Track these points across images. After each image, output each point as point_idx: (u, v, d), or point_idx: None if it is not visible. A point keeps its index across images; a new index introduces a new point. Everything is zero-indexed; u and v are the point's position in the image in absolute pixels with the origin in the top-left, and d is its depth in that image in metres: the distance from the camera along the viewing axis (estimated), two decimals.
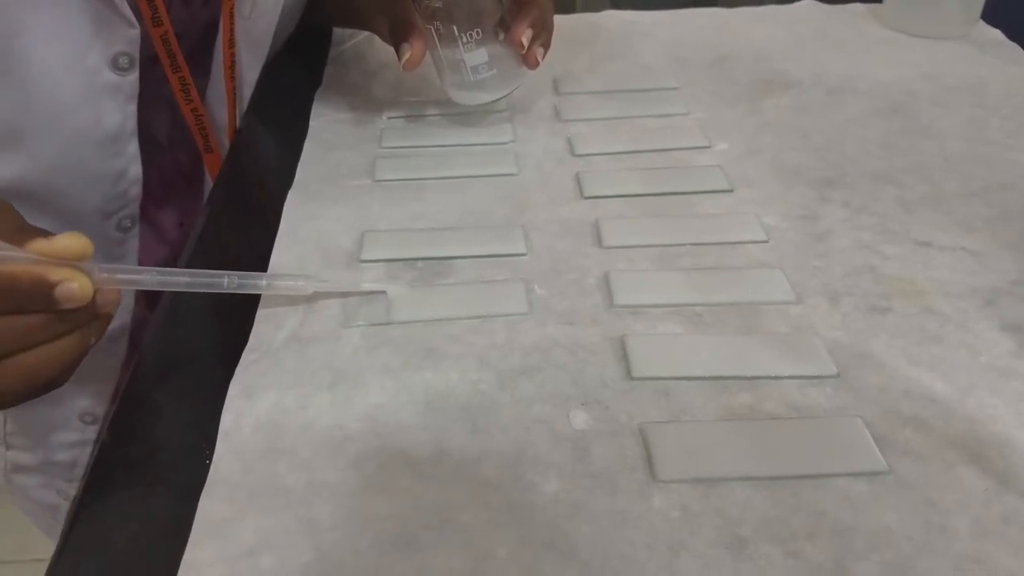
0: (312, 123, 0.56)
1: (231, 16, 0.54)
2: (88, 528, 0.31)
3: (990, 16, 0.67)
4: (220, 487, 0.32)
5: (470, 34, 0.49)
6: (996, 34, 0.66)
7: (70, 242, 0.32)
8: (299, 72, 0.63)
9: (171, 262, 0.57)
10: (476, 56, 0.50)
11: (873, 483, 0.31)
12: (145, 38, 0.48)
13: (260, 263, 0.43)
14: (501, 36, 0.50)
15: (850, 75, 0.60)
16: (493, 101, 0.53)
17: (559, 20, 0.53)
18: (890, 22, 0.68)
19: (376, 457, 0.33)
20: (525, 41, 0.48)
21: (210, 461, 0.33)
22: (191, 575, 0.29)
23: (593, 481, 0.32)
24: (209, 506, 0.31)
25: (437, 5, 0.48)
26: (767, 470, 0.32)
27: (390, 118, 0.57)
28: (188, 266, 0.43)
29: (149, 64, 0.50)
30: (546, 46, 0.51)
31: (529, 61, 0.50)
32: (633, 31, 0.67)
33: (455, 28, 0.49)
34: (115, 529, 0.31)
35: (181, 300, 0.42)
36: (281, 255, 0.44)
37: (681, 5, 0.71)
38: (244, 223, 0.49)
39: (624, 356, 0.37)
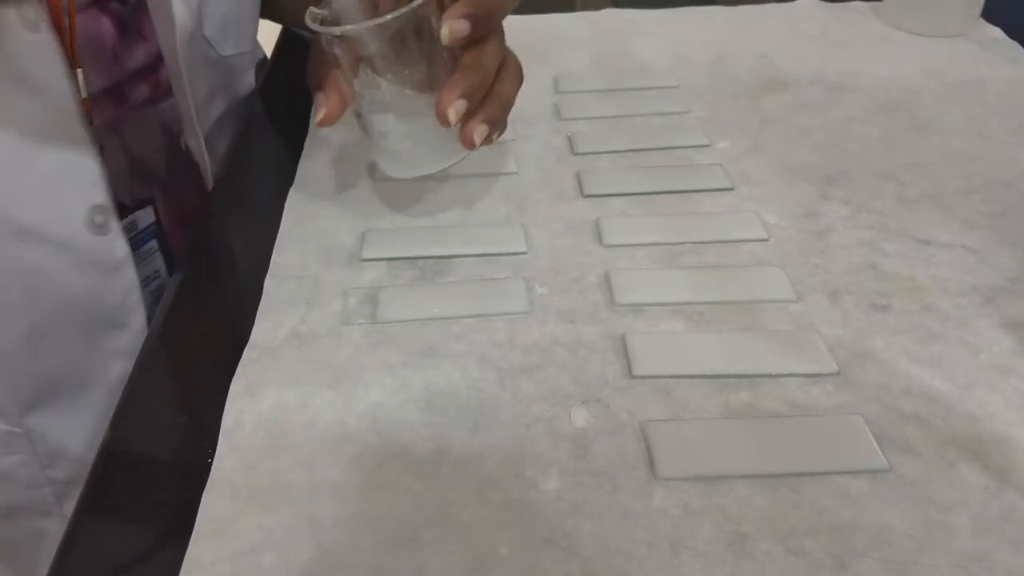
0: (311, 126, 0.56)
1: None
2: (91, 526, 0.31)
3: (990, 14, 0.67)
4: (222, 485, 0.32)
5: (372, 93, 0.41)
6: (996, 32, 0.66)
7: None
8: (298, 71, 0.63)
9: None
10: (383, 121, 0.41)
11: (873, 481, 0.32)
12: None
13: (262, 261, 0.43)
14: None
15: (851, 73, 0.60)
16: (415, 176, 0.44)
17: (558, 20, 0.51)
18: (891, 20, 0.68)
19: (377, 455, 0.33)
20: (452, 116, 0.38)
21: (212, 459, 0.33)
22: (194, 572, 0.29)
23: (594, 479, 0.32)
24: (211, 504, 0.31)
25: (335, 51, 0.40)
26: (767, 468, 0.32)
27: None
28: (185, 270, 0.43)
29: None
30: (492, 123, 0.40)
31: (464, 139, 0.39)
32: (633, 30, 0.67)
33: (355, 84, 0.41)
34: (118, 527, 0.31)
35: (180, 300, 0.42)
36: (282, 254, 0.44)
37: (681, 3, 0.71)
38: (245, 222, 0.49)
39: (625, 354, 0.37)
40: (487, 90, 0.40)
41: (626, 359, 0.37)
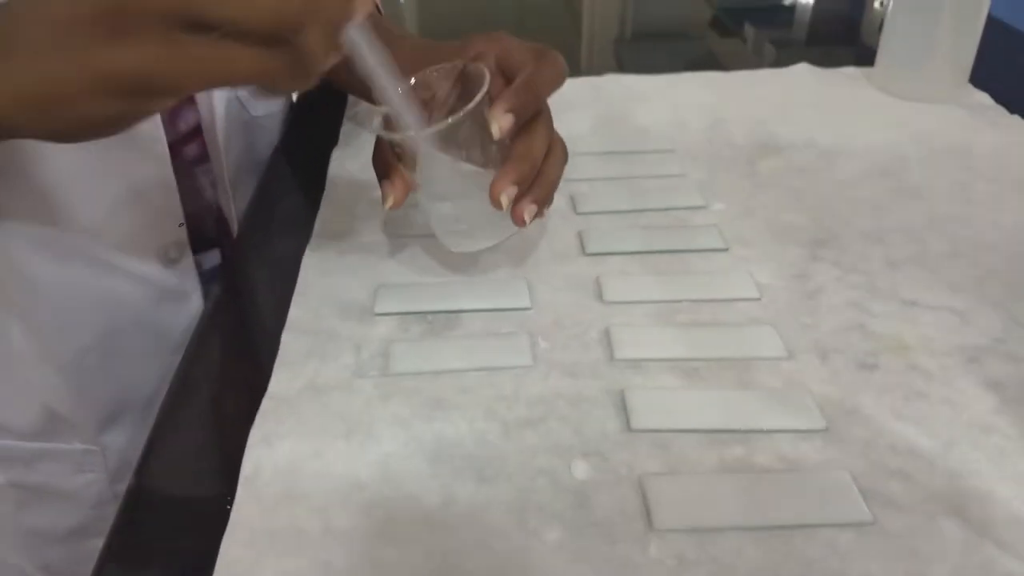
0: (329, 180, 0.59)
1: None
2: (116, 570, 0.33)
3: (978, 79, 0.70)
4: (241, 531, 0.34)
5: (429, 186, 0.45)
6: (984, 97, 0.69)
7: None
8: (317, 131, 0.66)
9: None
10: (441, 207, 0.45)
11: (859, 533, 0.33)
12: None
13: (280, 315, 0.46)
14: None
15: (842, 138, 0.63)
16: (475, 251, 0.48)
17: (564, 84, 0.53)
18: (881, 85, 0.71)
19: (387, 504, 0.35)
20: (504, 200, 0.42)
21: (231, 505, 0.35)
22: None
23: (594, 529, 0.34)
24: (230, 549, 0.33)
25: (396, 151, 0.44)
26: (759, 520, 0.34)
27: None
28: (207, 322, 0.46)
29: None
30: (541, 202, 0.44)
31: (515, 219, 0.43)
32: (633, 94, 0.70)
33: (415, 174, 0.45)
34: (142, 570, 0.33)
35: (202, 350, 0.44)
36: (299, 308, 0.46)
37: (680, 69, 0.74)
38: (265, 276, 0.52)
39: (624, 408, 0.39)
40: (536, 174, 0.43)
41: (625, 413, 0.39)
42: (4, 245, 0.47)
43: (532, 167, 0.43)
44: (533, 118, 0.44)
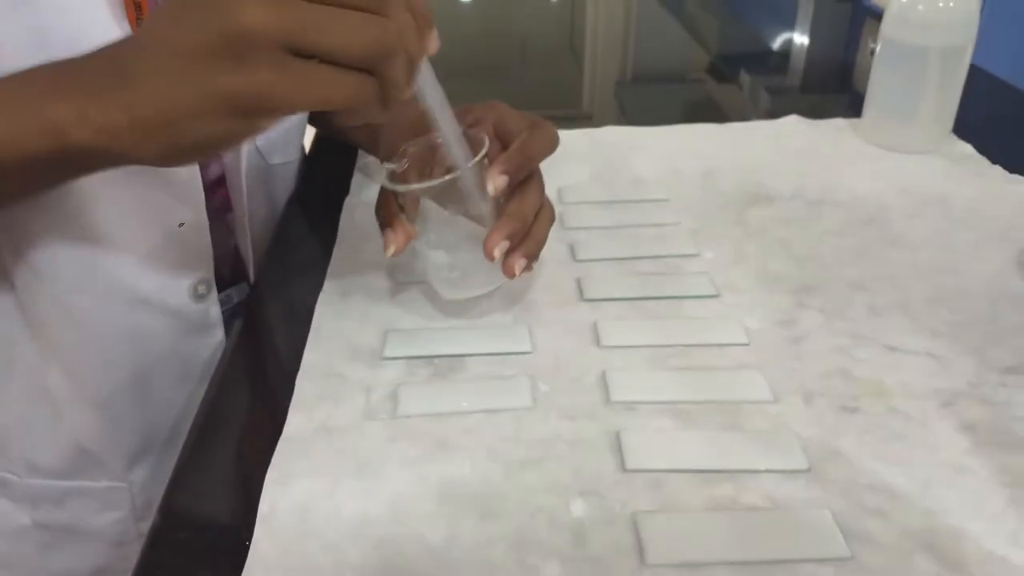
0: (340, 230, 0.62)
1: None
2: None
3: (962, 129, 0.73)
4: (259, 565, 0.36)
5: (427, 236, 0.49)
6: (967, 148, 0.72)
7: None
8: (329, 181, 0.70)
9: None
10: (436, 256, 0.49)
11: (838, 568, 0.35)
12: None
13: (295, 359, 0.48)
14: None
15: (829, 188, 0.66)
16: (465, 299, 0.52)
17: (563, 135, 0.56)
18: (867, 136, 0.74)
19: (396, 540, 0.37)
20: (497, 254, 0.46)
21: (250, 542, 0.37)
22: None
23: (590, 565, 0.36)
24: None
25: (400, 202, 0.48)
26: (745, 555, 0.36)
27: None
28: (227, 366, 0.48)
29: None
30: (530, 257, 0.48)
31: (506, 271, 0.47)
32: (631, 145, 0.73)
33: (414, 224, 0.49)
34: None
35: (222, 394, 0.47)
36: (312, 352, 0.49)
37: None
38: (280, 324, 0.54)
39: (619, 449, 0.41)
40: (526, 231, 0.48)
41: (620, 454, 0.41)
42: (50, 286, 0.51)
43: (523, 224, 0.47)
44: (526, 180, 0.48)
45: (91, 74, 0.36)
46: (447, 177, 0.45)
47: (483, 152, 0.45)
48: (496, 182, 0.45)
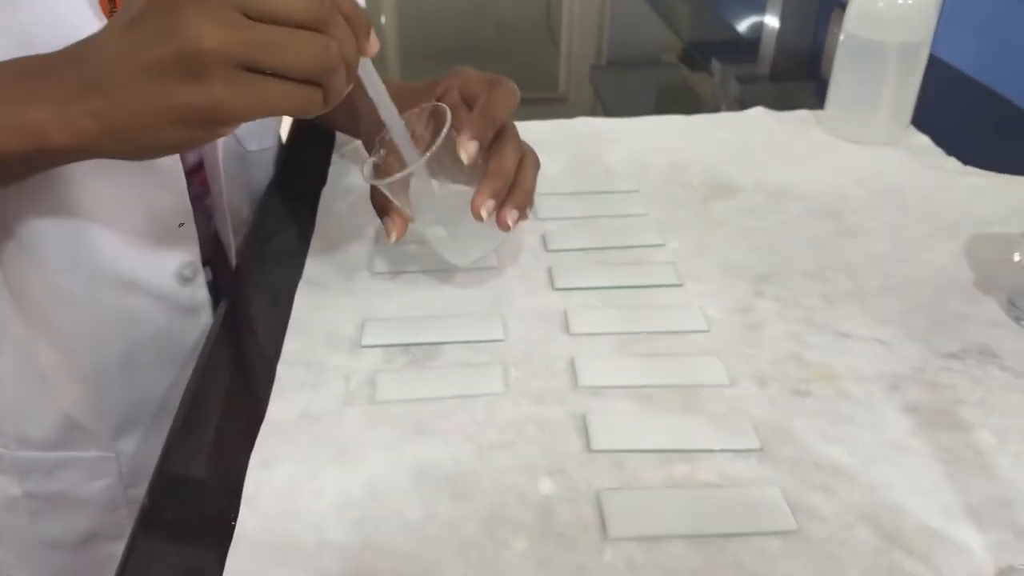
0: (318, 220, 0.64)
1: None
2: None
3: (922, 119, 0.76)
4: (245, 544, 0.38)
5: (423, 216, 0.51)
6: (924, 139, 0.75)
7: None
8: (307, 170, 0.71)
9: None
10: (436, 232, 0.52)
11: (785, 540, 0.38)
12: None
13: (275, 347, 0.50)
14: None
15: (790, 180, 0.68)
16: (473, 261, 0.55)
17: (537, 127, 0.59)
18: (830, 128, 0.77)
19: (375, 519, 0.40)
20: (484, 213, 0.48)
21: (235, 522, 0.39)
22: None
23: (556, 539, 0.38)
24: (236, 561, 0.37)
25: (385, 192, 0.51)
26: (699, 529, 0.39)
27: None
28: (206, 360, 0.51)
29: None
30: (521, 207, 0.50)
31: (501, 225, 0.50)
32: (602, 137, 0.76)
33: (407, 207, 0.51)
34: None
35: (205, 384, 0.49)
36: (292, 340, 0.51)
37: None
38: (260, 312, 0.56)
39: (585, 431, 0.44)
40: (512, 183, 0.50)
41: (586, 435, 0.44)
42: (39, 268, 0.53)
43: (505, 180, 0.50)
44: (500, 137, 0.50)
45: (62, 80, 0.40)
46: (424, 158, 0.47)
47: (447, 126, 0.47)
48: (467, 149, 0.48)
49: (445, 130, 0.47)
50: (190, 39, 0.36)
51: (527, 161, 0.52)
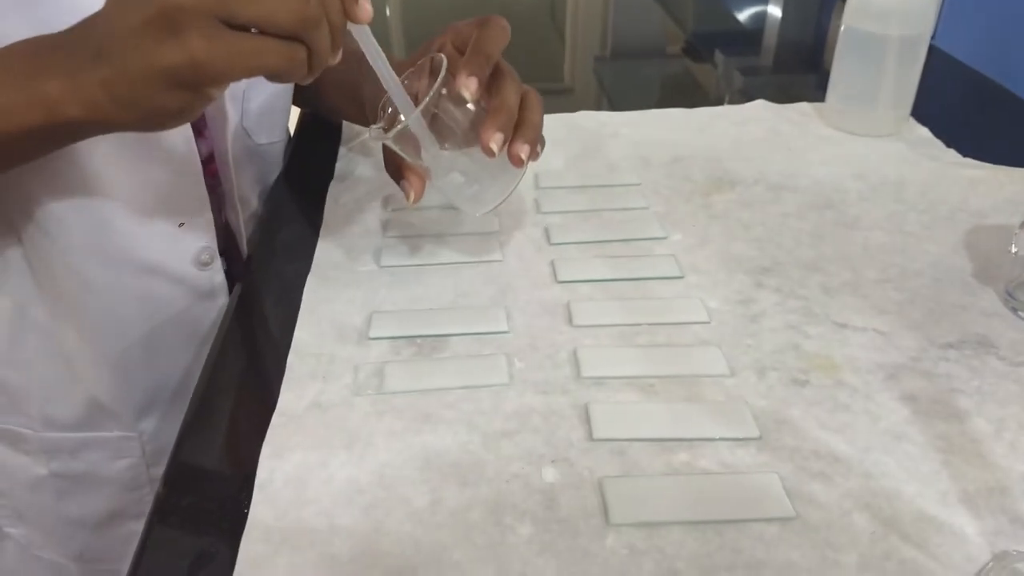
0: (326, 213, 0.65)
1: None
2: (149, 566, 0.39)
3: (922, 110, 0.76)
4: (257, 530, 0.39)
5: (437, 165, 0.51)
6: (924, 132, 0.76)
7: None
8: (313, 167, 0.72)
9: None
10: (452, 179, 0.52)
11: (783, 526, 0.39)
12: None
13: (285, 339, 0.51)
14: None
15: (790, 173, 0.69)
16: (495, 207, 0.54)
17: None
18: (830, 121, 0.77)
19: (384, 505, 0.41)
20: (494, 147, 0.48)
21: (248, 509, 0.40)
22: None
23: (560, 525, 0.39)
24: (250, 546, 0.39)
25: (399, 149, 0.51)
26: (698, 516, 0.40)
27: (394, 210, 0.65)
28: (218, 351, 0.52)
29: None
30: (531, 142, 0.50)
31: (512, 160, 0.50)
32: (604, 131, 0.76)
33: (422, 163, 0.51)
34: (173, 567, 0.38)
35: (218, 375, 0.50)
36: (303, 331, 0.52)
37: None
38: (271, 305, 0.57)
39: (587, 420, 0.45)
40: (518, 119, 0.50)
41: (588, 425, 0.45)
42: (64, 252, 0.54)
43: (509, 115, 0.50)
44: (498, 77, 0.51)
45: (70, 52, 0.41)
46: (422, 104, 0.48)
47: (443, 70, 0.48)
48: (468, 86, 0.48)
49: (442, 72, 0.48)
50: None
51: (530, 98, 0.52)
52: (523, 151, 0.50)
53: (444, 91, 0.49)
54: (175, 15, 0.37)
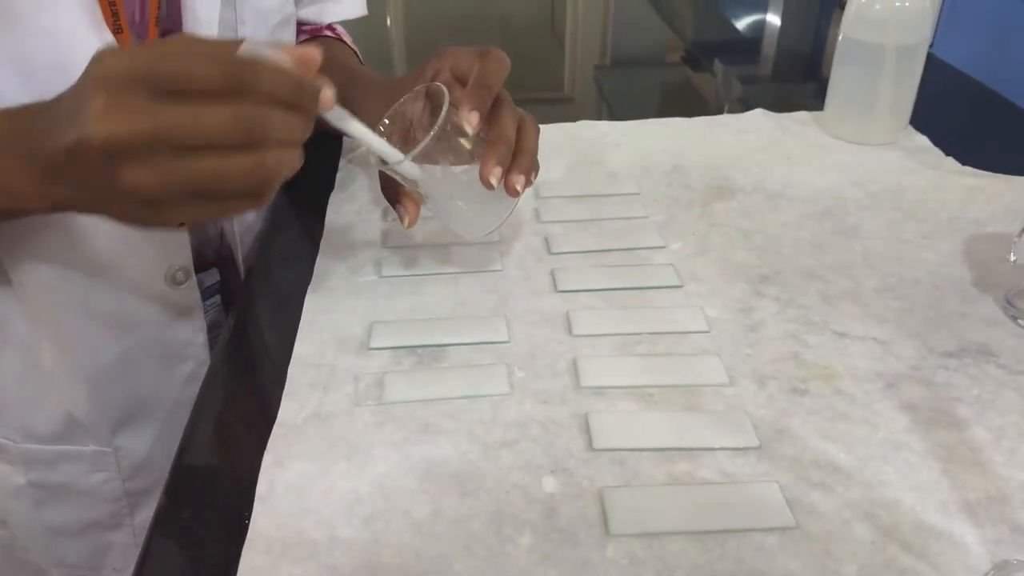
0: (326, 224, 0.65)
1: None
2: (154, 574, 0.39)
3: (921, 119, 0.76)
4: (258, 540, 0.39)
5: (434, 196, 0.52)
6: (923, 140, 0.76)
7: (314, 53, 0.39)
8: (314, 178, 0.72)
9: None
10: (449, 205, 0.53)
11: (783, 536, 0.39)
12: None
13: (286, 350, 0.51)
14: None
15: (789, 182, 0.69)
16: (490, 232, 0.55)
17: (542, 130, 0.59)
18: (828, 129, 0.78)
19: (384, 516, 0.41)
20: (494, 181, 0.49)
21: (249, 520, 0.40)
22: None
23: (559, 535, 0.40)
24: (250, 556, 0.39)
25: (393, 175, 0.51)
26: (699, 526, 0.40)
27: (393, 220, 0.65)
28: (219, 361, 0.52)
29: None
30: (527, 172, 0.52)
31: (508, 191, 0.51)
32: (604, 140, 0.77)
33: (419, 189, 0.52)
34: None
35: (219, 385, 0.50)
36: (303, 342, 0.52)
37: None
38: (271, 316, 0.58)
39: (587, 430, 0.45)
40: (514, 150, 0.51)
41: (588, 434, 0.45)
42: (41, 268, 0.55)
43: (508, 147, 0.51)
44: (497, 106, 0.52)
45: (36, 150, 0.40)
46: (424, 142, 0.48)
47: (446, 103, 0.49)
48: (470, 120, 0.49)
49: (445, 107, 0.49)
50: (92, 132, 0.35)
51: (526, 126, 0.53)
52: (519, 183, 0.51)
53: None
54: (105, 149, 0.35)
